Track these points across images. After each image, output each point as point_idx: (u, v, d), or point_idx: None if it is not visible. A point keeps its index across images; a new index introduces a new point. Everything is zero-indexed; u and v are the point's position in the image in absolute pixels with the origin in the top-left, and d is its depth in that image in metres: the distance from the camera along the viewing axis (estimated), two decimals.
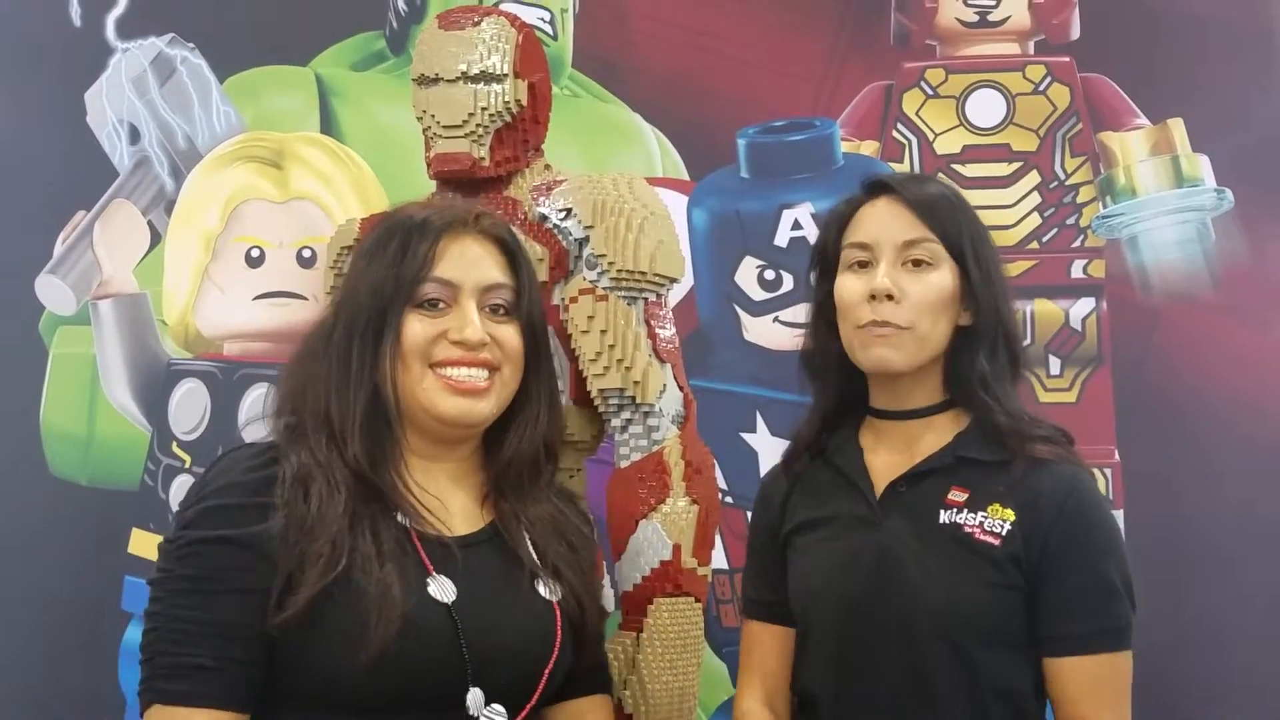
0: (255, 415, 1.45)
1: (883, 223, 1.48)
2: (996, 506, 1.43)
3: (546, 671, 1.35)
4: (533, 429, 1.43)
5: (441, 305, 1.37)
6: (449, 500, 1.38)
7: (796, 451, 1.60)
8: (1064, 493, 1.43)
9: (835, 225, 1.55)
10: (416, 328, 1.35)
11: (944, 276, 1.46)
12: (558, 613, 1.38)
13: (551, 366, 1.49)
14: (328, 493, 1.28)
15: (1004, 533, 1.42)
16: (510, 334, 1.40)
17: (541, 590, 1.37)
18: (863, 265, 1.49)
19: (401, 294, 1.35)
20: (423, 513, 1.33)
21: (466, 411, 1.36)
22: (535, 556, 1.39)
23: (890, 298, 1.44)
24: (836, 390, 1.56)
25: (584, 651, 1.42)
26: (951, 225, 1.47)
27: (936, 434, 1.50)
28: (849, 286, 1.48)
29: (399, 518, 1.32)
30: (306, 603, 1.22)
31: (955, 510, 1.44)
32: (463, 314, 1.37)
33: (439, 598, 1.28)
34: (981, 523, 1.43)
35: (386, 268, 1.36)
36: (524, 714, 1.33)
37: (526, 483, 1.43)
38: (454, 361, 1.36)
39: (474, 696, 1.29)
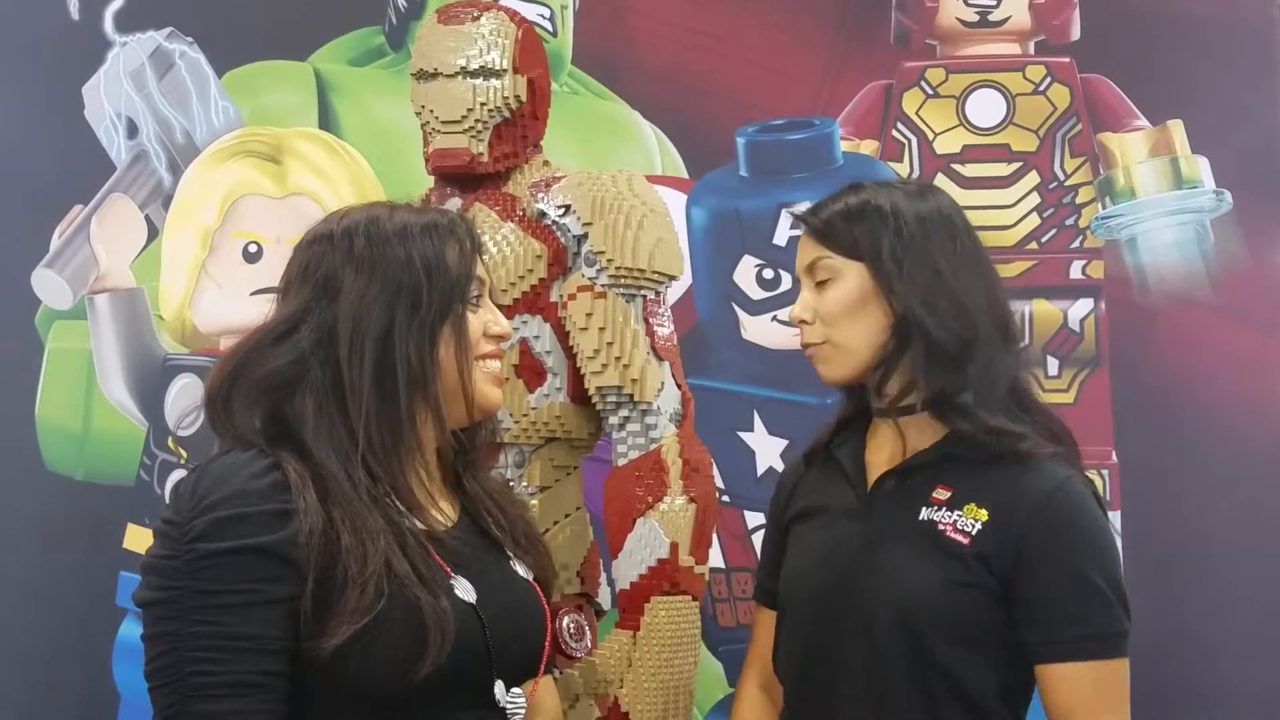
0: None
1: (798, 254, 1.56)
2: (972, 506, 1.43)
3: (546, 647, 1.37)
4: None
5: (475, 301, 1.38)
6: (436, 495, 1.38)
7: (815, 446, 1.62)
8: (1046, 494, 1.41)
9: None
10: (475, 323, 1.37)
11: (845, 285, 1.50)
12: (538, 589, 1.40)
13: None
14: (345, 496, 1.25)
15: (974, 532, 1.42)
16: None
17: (519, 570, 1.39)
18: None
19: (459, 292, 1.35)
20: (425, 515, 1.32)
21: (500, 400, 1.41)
22: (510, 537, 1.41)
23: (805, 321, 1.52)
24: (850, 394, 1.59)
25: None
26: (846, 236, 1.50)
27: (930, 431, 1.50)
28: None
29: (407, 522, 1.30)
30: (360, 628, 1.18)
31: (936, 508, 1.45)
32: (492, 309, 1.39)
33: (465, 598, 1.28)
34: (955, 521, 1.43)
35: (443, 267, 1.33)
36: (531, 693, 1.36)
37: (478, 462, 1.45)
38: (492, 354, 1.39)
39: (499, 687, 1.29)
